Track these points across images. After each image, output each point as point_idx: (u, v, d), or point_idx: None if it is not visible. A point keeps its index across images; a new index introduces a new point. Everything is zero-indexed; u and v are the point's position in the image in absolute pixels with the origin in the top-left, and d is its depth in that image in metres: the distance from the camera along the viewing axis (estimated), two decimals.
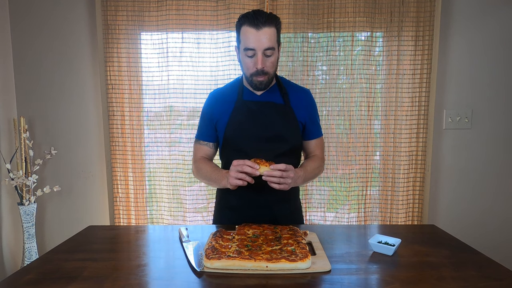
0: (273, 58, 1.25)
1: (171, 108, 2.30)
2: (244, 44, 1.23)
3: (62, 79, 2.31)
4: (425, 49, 2.19)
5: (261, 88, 1.30)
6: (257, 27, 1.19)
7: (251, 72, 1.26)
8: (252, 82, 1.29)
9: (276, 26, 1.23)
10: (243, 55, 1.26)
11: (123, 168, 2.32)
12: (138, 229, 1.31)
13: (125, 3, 2.21)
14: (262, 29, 1.19)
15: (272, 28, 1.21)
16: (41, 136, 2.34)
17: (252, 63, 1.24)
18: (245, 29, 1.21)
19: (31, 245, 2.19)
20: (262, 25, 1.18)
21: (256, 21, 1.18)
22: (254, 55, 1.22)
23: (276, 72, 1.42)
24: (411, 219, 2.30)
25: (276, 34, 1.24)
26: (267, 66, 1.24)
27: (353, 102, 2.25)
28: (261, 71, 1.24)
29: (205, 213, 2.37)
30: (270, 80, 1.29)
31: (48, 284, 0.88)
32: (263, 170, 1.15)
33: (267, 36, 1.20)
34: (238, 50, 1.31)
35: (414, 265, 0.98)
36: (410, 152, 2.26)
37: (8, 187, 2.24)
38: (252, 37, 1.20)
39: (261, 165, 1.16)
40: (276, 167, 1.14)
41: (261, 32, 1.19)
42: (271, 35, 1.20)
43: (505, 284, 0.87)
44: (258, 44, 1.20)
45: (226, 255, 0.96)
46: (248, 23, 1.20)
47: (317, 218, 2.33)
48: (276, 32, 1.24)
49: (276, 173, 1.14)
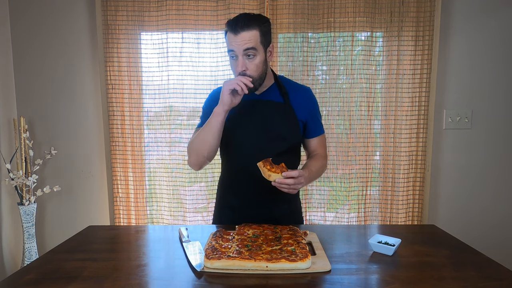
0: (257, 60, 1.24)
1: (171, 108, 2.30)
2: (227, 47, 1.26)
3: (62, 79, 2.31)
4: (425, 49, 2.19)
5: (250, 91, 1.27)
6: (235, 31, 1.21)
7: (236, 74, 1.26)
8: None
9: (259, 27, 1.23)
10: (229, 59, 1.29)
11: (123, 168, 2.32)
12: (138, 229, 1.31)
13: (125, 3, 2.21)
14: (240, 33, 1.20)
15: (252, 31, 1.21)
16: (41, 136, 2.34)
17: (235, 66, 1.26)
18: (228, 35, 1.24)
19: (31, 245, 2.19)
20: (240, 29, 1.20)
21: (235, 26, 1.21)
22: (236, 58, 1.24)
23: (275, 72, 1.42)
24: (411, 219, 2.30)
25: (259, 36, 1.23)
26: (250, 68, 1.24)
27: (353, 102, 2.25)
28: (243, 73, 1.24)
29: (205, 213, 2.37)
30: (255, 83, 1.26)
31: (48, 284, 0.88)
32: (274, 178, 1.14)
33: (245, 39, 1.21)
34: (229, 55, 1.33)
35: (414, 265, 0.98)
36: (410, 152, 2.26)
37: (8, 187, 2.24)
38: (231, 41, 1.23)
39: (272, 172, 1.14)
40: (288, 174, 1.14)
41: (239, 36, 1.21)
42: (250, 37, 1.21)
43: (505, 284, 0.87)
44: (237, 47, 1.22)
45: (226, 255, 0.96)
46: (229, 28, 1.23)
47: (317, 218, 2.33)
48: (260, 33, 1.24)
49: (289, 181, 1.14)
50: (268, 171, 1.14)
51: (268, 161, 1.17)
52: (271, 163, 1.17)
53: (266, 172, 1.15)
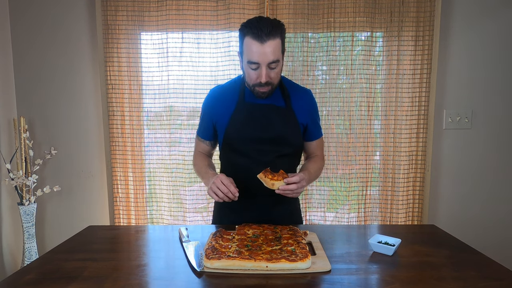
0: (278, 69, 1.21)
1: (171, 108, 2.29)
2: (247, 56, 1.17)
3: (62, 79, 2.31)
4: (425, 49, 2.19)
5: (263, 98, 1.27)
6: (261, 40, 1.12)
7: (253, 83, 1.23)
8: (254, 91, 1.25)
9: (281, 35, 1.17)
10: (246, 66, 1.21)
11: (123, 168, 2.32)
12: (138, 229, 1.31)
13: (125, 3, 2.21)
14: (267, 42, 1.12)
15: (276, 39, 1.14)
16: (41, 136, 2.34)
17: (255, 75, 1.20)
18: (249, 41, 1.15)
19: (31, 245, 2.18)
20: (266, 37, 1.12)
21: (260, 32, 1.12)
22: (258, 68, 1.18)
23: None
24: (411, 219, 2.30)
25: (281, 45, 1.18)
26: (272, 78, 1.21)
27: (353, 102, 2.25)
28: (265, 83, 1.21)
29: (205, 213, 2.37)
30: (273, 90, 1.26)
31: (48, 284, 0.88)
32: (278, 186, 1.15)
33: (271, 49, 1.13)
34: (241, 57, 1.25)
35: (414, 265, 0.98)
36: (410, 152, 2.26)
37: (8, 187, 2.24)
38: (255, 50, 1.14)
39: (275, 180, 1.15)
40: (290, 180, 1.14)
41: (266, 45, 1.13)
42: (275, 47, 1.14)
43: (505, 284, 0.87)
44: (263, 59, 1.14)
45: (226, 255, 0.96)
46: (252, 35, 1.13)
47: (317, 218, 2.33)
48: (281, 42, 1.18)
49: (292, 186, 1.15)
50: (271, 180, 1.15)
51: (267, 171, 1.18)
52: (271, 172, 1.18)
53: (269, 181, 1.16)
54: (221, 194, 1.18)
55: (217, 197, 1.20)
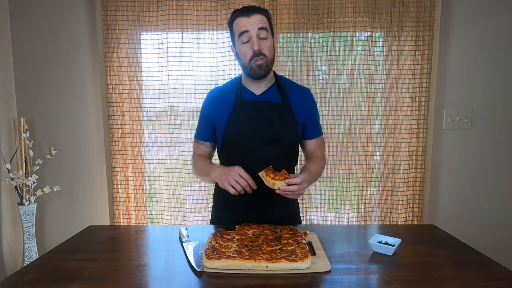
0: (269, 42, 1.28)
1: (171, 108, 2.30)
2: (237, 31, 1.28)
3: (62, 79, 2.31)
4: (425, 49, 2.19)
5: (262, 74, 1.28)
6: (248, 14, 1.25)
7: (249, 58, 1.26)
8: (252, 69, 1.27)
9: (266, 14, 1.29)
10: (239, 45, 1.29)
11: (123, 168, 2.32)
12: (138, 229, 1.31)
13: (125, 3, 2.21)
14: (253, 15, 1.25)
15: (262, 15, 1.27)
16: (41, 136, 2.34)
17: (248, 48, 1.26)
18: (238, 20, 1.28)
19: (31, 245, 2.18)
20: (251, 12, 1.25)
21: (246, 9, 1.26)
22: (249, 39, 1.26)
23: (275, 72, 1.42)
24: (411, 219, 2.30)
25: (267, 22, 1.29)
26: (265, 48, 1.26)
27: (353, 102, 2.25)
28: (259, 53, 1.25)
29: (205, 213, 2.37)
30: (269, 64, 1.29)
31: (48, 284, 0.88)
32: (279, 186, 1.14)
33: (258, 19, 1.25)
34: (234, 47, 1.34)
35: (414, 265, 0.98)
36: (410, 152, 2.26)
37: (8, 187, 2.24)
38: (243, 22, 1.26)
39: (276, 180, 1.14)
40: (292, 181, 1.14)
41: (252, 17, 1.25)
42: (262, 19, 1.26)
43: (505, 284, 0.87)
44: (251, 26, 1.25)
45: (226, 255, 0.96)
46: (239, 14, 1.27)
47: (317, 218, 2.33)
48: (268, 22, 1.29)
49: (293, 187, 1.14)
50: (272, 180, 1.14)
51: (270, 170, 1.17)
52: (273, 171, 1.16)
53: (270, 181, 1.15)
54: (239, 187, 1.19)
55: (234, 190, 1.20)
